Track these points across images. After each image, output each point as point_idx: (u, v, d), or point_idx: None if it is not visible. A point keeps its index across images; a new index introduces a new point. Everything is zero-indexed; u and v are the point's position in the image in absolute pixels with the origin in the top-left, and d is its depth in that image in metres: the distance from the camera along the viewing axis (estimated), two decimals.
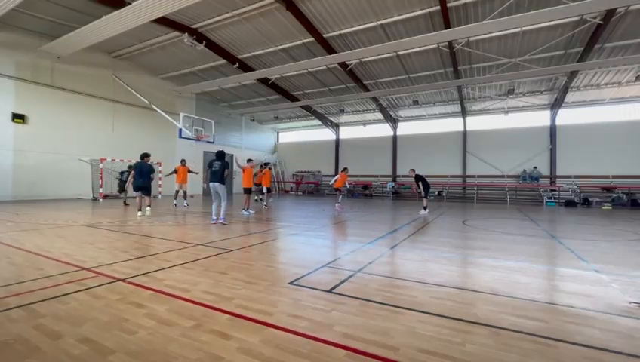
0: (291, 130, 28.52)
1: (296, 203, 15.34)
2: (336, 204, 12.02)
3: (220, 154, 7.76)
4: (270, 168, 13.03)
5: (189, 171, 12.23)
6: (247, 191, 10.26)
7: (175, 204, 11.75)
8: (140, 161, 8.92)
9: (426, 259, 4.48)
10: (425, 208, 11.01)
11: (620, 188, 16.37)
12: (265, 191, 12.51)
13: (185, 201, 11.94)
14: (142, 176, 8.67)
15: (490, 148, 20.05)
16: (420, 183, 10.95)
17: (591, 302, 2.92)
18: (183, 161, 12.08)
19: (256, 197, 14.14)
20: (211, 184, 7.49)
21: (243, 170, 10.11)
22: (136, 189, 8.76)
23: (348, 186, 13.06)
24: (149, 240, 5.45)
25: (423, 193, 11.00)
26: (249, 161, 10.52)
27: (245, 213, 9.67)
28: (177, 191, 12.00)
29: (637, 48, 12.38)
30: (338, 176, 12.52)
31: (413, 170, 11.41)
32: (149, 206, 8.97)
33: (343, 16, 12.12)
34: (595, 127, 17.58)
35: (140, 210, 8.73)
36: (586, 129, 17.79)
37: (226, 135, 23.00)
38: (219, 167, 7.46)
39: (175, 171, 11.90)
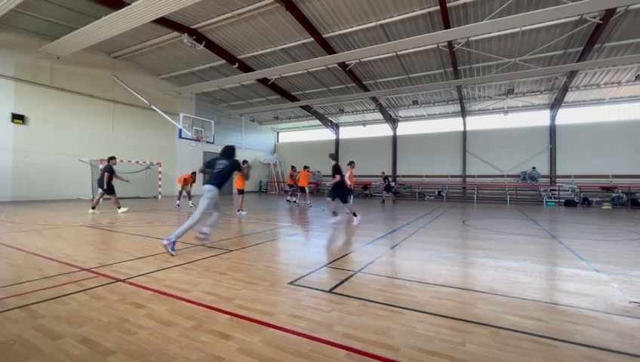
0: (291, 130, 28.50)
1: None
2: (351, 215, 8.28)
3: (228, 151, 5.18)
4: (310, 171, 13.96)
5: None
6: (242, 192, 10.56)
7: (178, 205, 11.74)
8: None
9: (426, 259, 4.48)
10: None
11: (619, 187, 16.36)
12: (306, 191, 13.45)
13: (190, 202, 11.97)
14: None
15: (489, 148, 20.06)
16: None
17: (591, 301, 2.92)
18: (194, 174, 11.79)
19: (287, 198, 15.29)
20: (208, 187, 4.90)
21: None
22: None
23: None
24: (148, 240, 5.45)
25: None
26: (244, 162, 10.50)
27: (241, 213, 9.79)
28: (181, 192, 11.99)
29: (636, 48, 12.39)
30: (348, 172, 9.50)
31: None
32: None
33: (342, 16, 12.12)
34: (594, 127, 17.58)
35: None
36: (585, 129, 17.80)
37: (225, 135, 23.02)
38: (223, 168, 5.01)
39: (185, 179, 11.72)
